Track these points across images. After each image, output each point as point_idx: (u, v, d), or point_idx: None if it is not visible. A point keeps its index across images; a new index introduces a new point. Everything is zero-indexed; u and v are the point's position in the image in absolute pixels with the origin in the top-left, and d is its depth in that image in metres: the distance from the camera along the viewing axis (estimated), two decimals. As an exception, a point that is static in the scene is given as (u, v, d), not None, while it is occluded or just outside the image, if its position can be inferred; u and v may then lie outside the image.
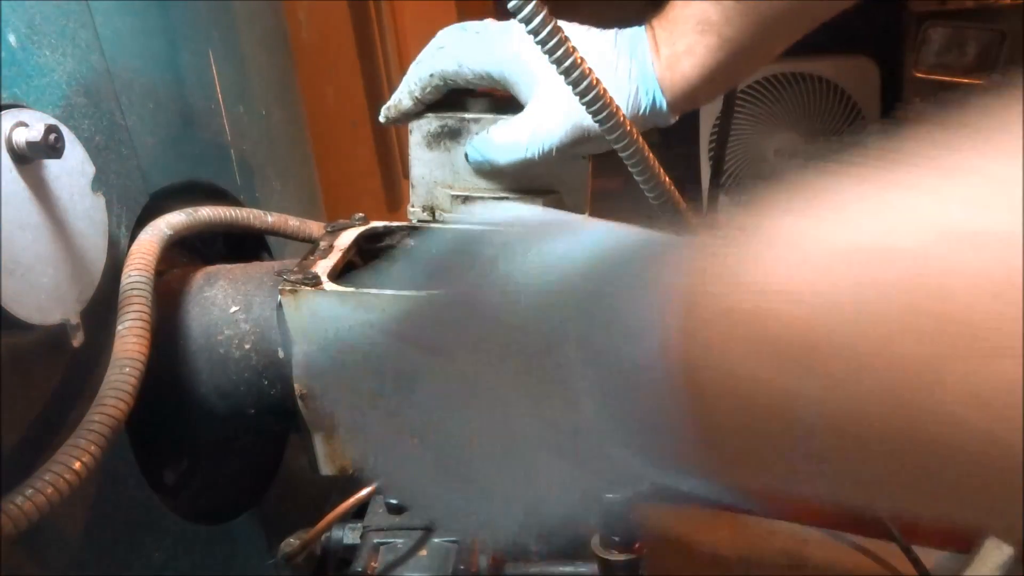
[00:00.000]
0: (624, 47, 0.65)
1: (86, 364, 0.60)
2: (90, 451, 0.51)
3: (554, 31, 0.51)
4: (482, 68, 0.65)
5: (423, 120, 0.69)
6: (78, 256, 0.58)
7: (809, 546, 0.98)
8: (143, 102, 0.71)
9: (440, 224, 0.72)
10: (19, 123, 0.52)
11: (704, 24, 0.63)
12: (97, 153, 0.62)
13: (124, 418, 0.55)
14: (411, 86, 0.68)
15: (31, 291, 0.53)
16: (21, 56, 0.57)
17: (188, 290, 0.70)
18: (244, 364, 0.67)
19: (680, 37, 0.64)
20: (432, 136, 0.70)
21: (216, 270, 0.72)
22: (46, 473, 0.49)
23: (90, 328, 0.59)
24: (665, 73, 0.64)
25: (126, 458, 0.64)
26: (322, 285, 0.61)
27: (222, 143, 0.84)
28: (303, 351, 0.53)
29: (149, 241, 0.65)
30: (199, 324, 0.68)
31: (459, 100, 0.69)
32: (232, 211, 0.74)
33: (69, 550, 0.58)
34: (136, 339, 0.58)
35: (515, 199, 0.71)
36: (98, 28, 0.65)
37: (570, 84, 0.53)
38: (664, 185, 0.60)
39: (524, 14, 0.50)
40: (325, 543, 0.55)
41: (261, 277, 0.70)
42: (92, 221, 0.60)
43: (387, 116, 0.70)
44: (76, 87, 0.62)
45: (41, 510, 0.48)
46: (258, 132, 0.91)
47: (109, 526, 0.62)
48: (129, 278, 0.61)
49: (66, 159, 0.56)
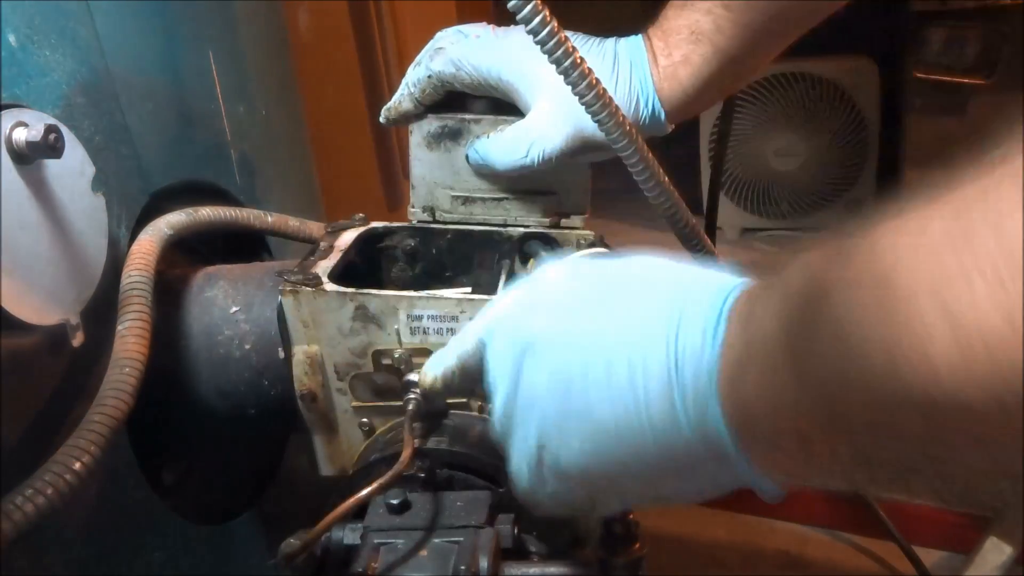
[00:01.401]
0: (624, 57, 0.65)
1: (86, 364, 0.60)
2: (90, 451, 0.51)
3: (554, 31, 0.51)
4: (480, 73, 0.65)
5: (423, 121, 0.70)
6: (78, 256, 0.58)
7: (809, 546, 0.98)
8: (143, 102, 0.71)
9: (440, 224, 0.72)
10: (19, 123, 0.52)
11: (697, 33, 0.63)
12: (97, 153, 0.62)
13: (124, 418, 0.55)
14: (410, 87, 0.68)
15: (31, 291, 0.53)
16: (21, 56, 0.57)
17: (188, 290, 0.70)
18: (244, 364, 0.67)
19: (675, 47, 0.64)
20: (432, 137, 0.70)
21: (216, 270, 0.72)
22: (46, 473, 0.49)
23: (90, 328, 0.59)
24: (664, 84, 0.65)
25: (126, 458, 0.64)
26: (323, 286, 0.61)
27: (222, 143, 0.84)
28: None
29: (149, 241, 0.65)
30: (199, 324, 0.68)
31: (459, 101, 0.69)
32: (232, 211, 0.74)
33: (69, 550, 0.58)
34: (136, 339, 0.58)
35: (515, 199, 0.71)
36: (98, 28, 0.65)
37: (570, 84, 0.53)
38: (666, 187, 0.60)
39: (524, 14, 0.50)
40: (325, 543, 0.55)
41: (261, 277, 0.70)
42: (92, 221, 0.60)
43: (387, 117, 0.71)
44: (76, 87, 0.62)
45: (41, 510, 0.48)
46: (258, 132, 0.91)
47: (109, 526, 0.62)
48: (129, 278, 0.61)
49: (66, 159, 0.56)
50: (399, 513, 0.55)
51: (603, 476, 0.41)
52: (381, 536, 0.53)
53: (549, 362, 0.41)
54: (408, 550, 0.52)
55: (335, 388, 0.63)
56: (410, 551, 0.52)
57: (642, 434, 0.38)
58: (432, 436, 0.57)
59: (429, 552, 0.52)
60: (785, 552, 0.97)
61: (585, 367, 0.40)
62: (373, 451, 0.63)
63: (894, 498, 0.95)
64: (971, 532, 0.89)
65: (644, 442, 0.38)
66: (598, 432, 0.39)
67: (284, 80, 1.03)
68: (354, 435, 0.65)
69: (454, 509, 0.55)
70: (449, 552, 0.52)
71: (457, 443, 0.60)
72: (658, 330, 0.38)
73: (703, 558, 0.97)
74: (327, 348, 0.62)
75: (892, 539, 0.89)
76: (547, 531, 0.61)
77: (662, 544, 0.98)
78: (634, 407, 0.38)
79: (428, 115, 0.69)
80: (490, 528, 0.54)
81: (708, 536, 1.00)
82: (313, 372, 0.63)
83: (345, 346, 0.62)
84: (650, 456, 0.38)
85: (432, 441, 0.57)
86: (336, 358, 0.62)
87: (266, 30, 0.98)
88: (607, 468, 0.41)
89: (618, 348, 0.39)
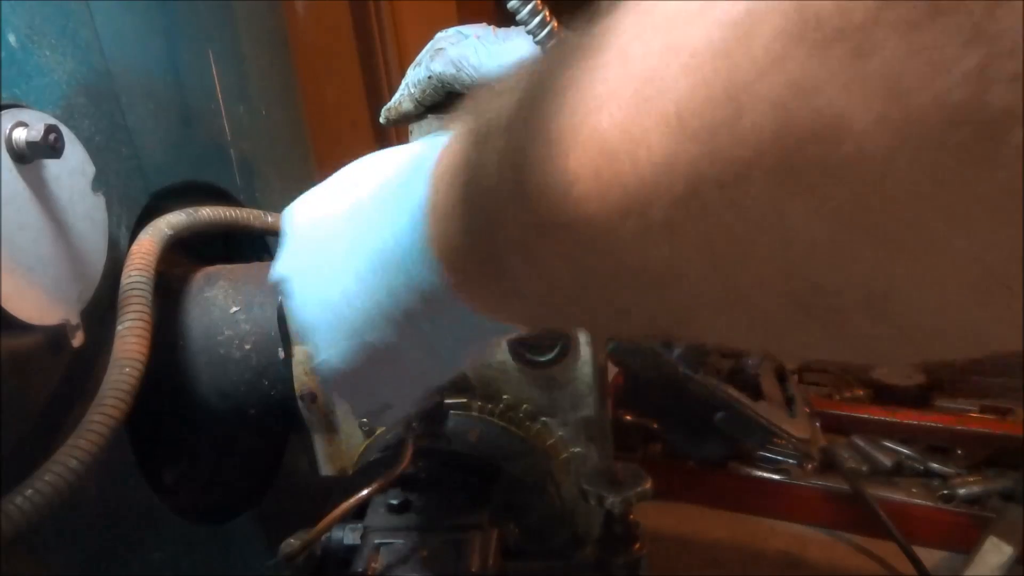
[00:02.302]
0: None
1: (86, 364, 0.60)
2: (90, 451, 0.51)
3: (554, 32, 0.51)
4: (481, 73, 0.65)
5: (423, 122, 0.69)
6: (78, 256, 0.58)
7: (809, 546, 0.98)
8: (143, 102, 0.71)
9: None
10: (19, 123, 0.53)
11: None
12: (97, 153, 0.62)
13: (124, 418, 0.55)
14: (410, 88, 0.68)
15: (31, 291, 0.53)
16: (21, 56, 0.57)
17: (188, 290, 0.70)
18: (244, 365, 0.67)
19: None
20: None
21: (216, 270, 0.72)
22: (46, 473, 0.49)
23: (90, 328, 0.59)
24: None
25: (126, 458, 0.64)
26: (322, 285, 0.61)
27: (222, 143, 0.84)
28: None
29: (149, 241, 0.65)
30: (199, 324, 0.68)
31: (460, 102, 0.69)
32: (232, 211, 0.74)
33: (69, 550, 0.58)
34: (136, 339, 0.58)
35: None
36: (98, 28, 0.65)
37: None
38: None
39: (523, 15, 0.50)
40: (325, 543, 0.55)
41: (262, 278, 0.70)
42: (92, 221, 0.60)
43: (387, 118, 0.70)
44: (76, 87, 0.62)
45: (41, 510, 0.48)
46: (258, 132, 0.91)
47: (109, 526, 0.62)
48: (129, 278, 0.61)
49: (66, 159, 0.56)
50: (399, 513, 0.55)
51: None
52: (381, 536, 0.53)
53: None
54: (408, 550, 0.52)
55: (335, 388, 0.63)
56: (410, 551, 0.52)
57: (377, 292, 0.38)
58: (432, 436, 0.57)
59: (429, 552, 0.52)
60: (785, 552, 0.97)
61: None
62: (373, 451, 0.63)
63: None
64: (971, 532, 0.89)
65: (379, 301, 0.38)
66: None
67: (284, 80, 1.03)
68: (354, 435, 0.65)
69: (454, 509, 0.55)
70: (449, 552, 0.52)
71: (457, 443, 0.60)
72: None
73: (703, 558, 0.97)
74: (327, 348, 0.62)
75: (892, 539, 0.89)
76: (547, 531, 0.61)
77: (662, 544, 0.98)
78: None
79: (428, 116, 0.69)
80: (490, 528, 0.54)
81: (708, 536, 1.00)
82: (313, 372, 0.63)
83: (345, 346, 0.62)
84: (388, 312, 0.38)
85: (432, 441, 0.57)
86: (336, 358, 0.62)
87: (266, 30, 0.98)
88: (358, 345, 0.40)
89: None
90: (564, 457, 0.63)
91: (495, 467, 0.59)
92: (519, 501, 0.59)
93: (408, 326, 0.38)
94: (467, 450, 0.60)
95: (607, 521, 0.59)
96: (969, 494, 0.95)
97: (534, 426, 0.63)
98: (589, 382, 0.61)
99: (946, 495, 0.96)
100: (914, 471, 1.03)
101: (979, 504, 0.95)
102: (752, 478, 1.03)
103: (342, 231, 0.41)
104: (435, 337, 0.39)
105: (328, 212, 0.42)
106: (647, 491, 0.57)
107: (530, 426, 0.63)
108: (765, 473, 1.03)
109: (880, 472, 1.03)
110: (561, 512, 0.63)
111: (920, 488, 0.99)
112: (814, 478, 1.01)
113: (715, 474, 1.04)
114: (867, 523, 0.94)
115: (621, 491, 0.57)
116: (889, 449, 1.05)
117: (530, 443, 0.63)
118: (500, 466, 0.60)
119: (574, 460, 0.63)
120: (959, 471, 1.00)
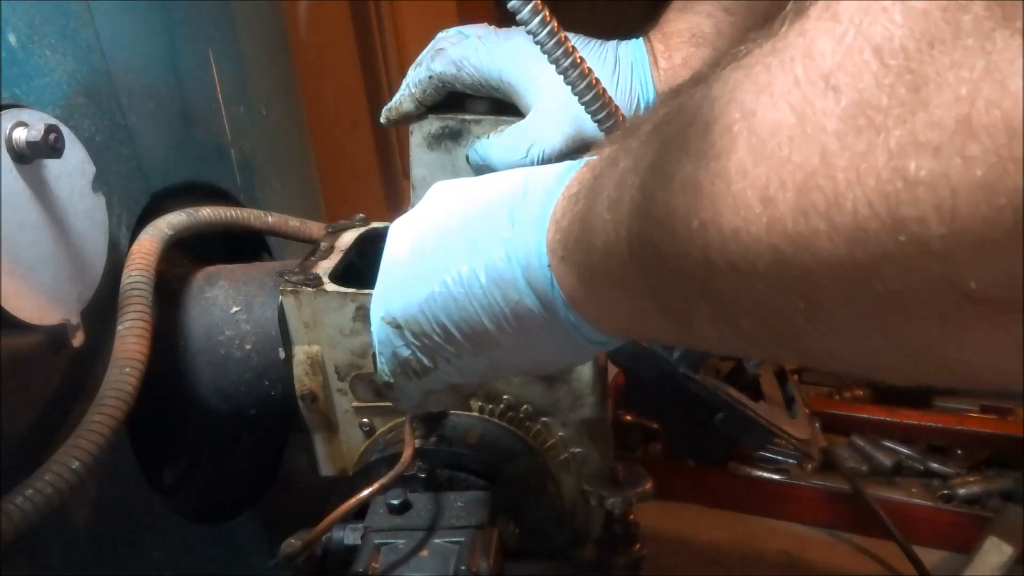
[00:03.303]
0: (625, 59, 0.65)
1: (86, 364, 0.60)
2: (90, 451, 0.51)
3: (553, 32, 0.51)
4: (481, 74, 0.65)
5: (424, 121, 0.69)
6: (78, 256, 0.58)
7: (809, 546, 0.98)
8: (143, 102, 0.71)
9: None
10: (19, 123, 0.53)
11: (698, 37, 0.63)
12: (97, 153, 0.62)
13: (124, 418, 0.55)
14: (411, 88, 0.68)
15: (31, 291, 0.53)
16: (21, 56, 0.57)
17: (189, 290, 0.70)
18: (245, 365, 0.67)
19: (676, 50, 0.64)
20: (433, 137, 0.70)
21: (217, 270, 0.72)
22: (46, 473, 0.49)
23: (90, 328, 0.59)
24: (664, 86, 0.65)
25: (126, 458, 0.64)
26: (323, 286, 0.61)
27: (222, 143, 0.84)
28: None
29: (149, 241, 0.65)
30: (200, 324, 0.68)
31: (460, 102, 0.69)
32: (232, 211, 0.74)
33: (69, 550, 0.58)
34: (136, 339, 0.58)
35: None
36: (98, 28, 0.65)
37: (570, 85, 0.53)
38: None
39: (524, 14, 0.50)
40: (326, 544, 0.55)
41: (262, 278, 0.70)
42: (92, 221, 0.60)
43: (388, 117, 0.70)
44: (76, 87, 0.62)
45: (41, 510, 0.48)
46: (258, 132, 0.91)
47: (109, 526, 0.62)
48: (129, 278, 0.61)
49: (66, 159, 0.56)
50: (400, 513, 0.55)
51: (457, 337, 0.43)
52: (382, 536, 0.53)
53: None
54: (409, 550, 0.52)
55: (336, 388, 0.63)
56: (411, 551, 0.52)
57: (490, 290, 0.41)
58: (432, 436, 0.57)
59: (430, 552, 0.52)
60: (785, 552, 0.97)
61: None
62: (374, 451, 0.63)
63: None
64: (971, 532, 0.89)
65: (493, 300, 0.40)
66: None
67: (284, 80, 1.03)
68: (354, 435, 0.65)
69: (454, 509, 0.55)
70: (450, 552, 0.52)
71: (457, 443, 0.60)
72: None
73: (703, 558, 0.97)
74: (328, 348, 0.62)
75: (892, 539, 0.89)
76: (547, 531, 0.61)
77: (662, 544, 0.98)
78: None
79: (429, 116, 0.69)
80: (490, 528, 0.54)
81: (708, 536, 1.00)
82: (314, 372, 0.63)
83: (346, 346, 0.62)
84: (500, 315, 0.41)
85: (432, 441, 0.57)
86: (337, 358, 0.62)
87: (266, 30, 0.98)
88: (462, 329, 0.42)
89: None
90: (564, 457, 0.63)
91: (495, 467, 0.59)
92: (519, 501, 0.59)
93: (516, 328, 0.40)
94: (467, 450, 0.60)
95: (607, 521, 0.59)
96: (969, 494, 0.95)
97: (534, 426, 0.63)
98: (589, 382, 0.61)
99: (946, 495, 0.96)
100: (914, 471, 1.03)
101: (979, 504, 0.95)
102: (752, 478, 1.03)
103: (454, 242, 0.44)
104: (539, 341, 0.41)
105: (430, 230, 0.46)
106: (647, 491, 0.57)
107: (530, 426, 0.63)
108: (765, 473, 1.03)
109: (880, 472, 1.03)
110: (561, 512, 0.63)
111: (920, 488, 0.98)
112: (814, 478, 1.01)
113: (715, 474, 1.04)
114: (867, 523, 0.94)
115: (621, 491, 0.57)
116: (889, 449, 1.05)
117: (530, 443, 0.63)
118: (500, 466, 0.60)
119: (574, 460, 0.63)
120: (959, 471, 1.00)
